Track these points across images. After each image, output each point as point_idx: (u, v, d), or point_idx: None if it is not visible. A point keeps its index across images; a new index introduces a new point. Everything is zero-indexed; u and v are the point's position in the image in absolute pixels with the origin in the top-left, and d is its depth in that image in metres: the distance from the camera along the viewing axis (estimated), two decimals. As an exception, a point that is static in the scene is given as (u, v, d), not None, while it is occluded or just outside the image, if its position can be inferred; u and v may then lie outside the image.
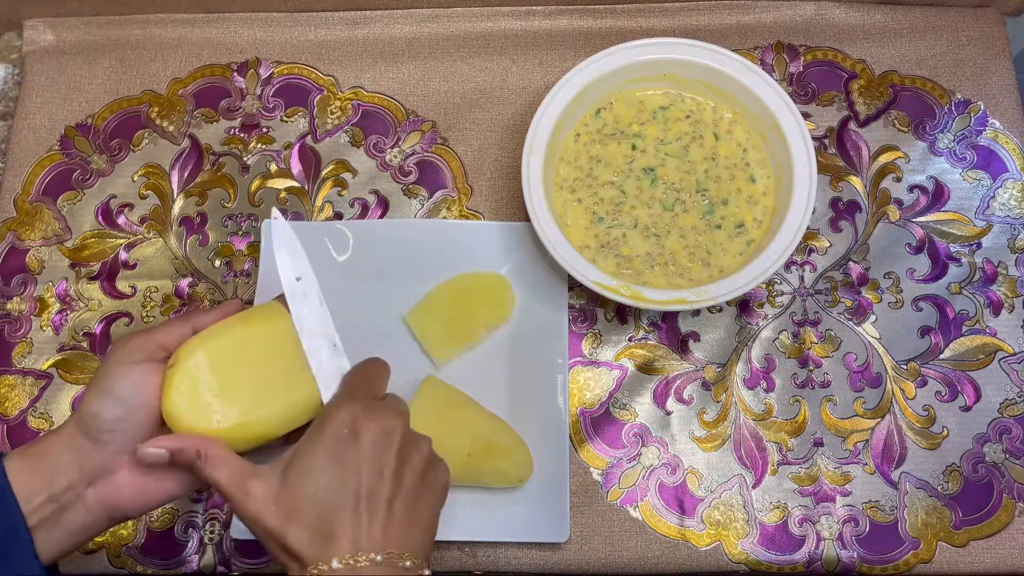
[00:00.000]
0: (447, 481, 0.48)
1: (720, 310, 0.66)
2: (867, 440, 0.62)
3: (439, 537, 0.57)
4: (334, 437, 0.45)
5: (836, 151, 0.70)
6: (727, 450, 0.62)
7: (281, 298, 0.52)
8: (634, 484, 0.62)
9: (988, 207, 0.68)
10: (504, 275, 0.64)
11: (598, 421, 0.63)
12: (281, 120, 0.72)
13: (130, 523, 0.61)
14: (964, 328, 0.65)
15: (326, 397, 0.50)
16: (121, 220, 0.69)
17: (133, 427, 0.46)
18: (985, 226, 0.68)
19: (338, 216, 0.68)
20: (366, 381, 0.50)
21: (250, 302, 0.65)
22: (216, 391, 0.48)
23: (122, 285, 0.67)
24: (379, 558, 0.42)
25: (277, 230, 0.53)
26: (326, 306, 0.53)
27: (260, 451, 0.50)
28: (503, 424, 0.60)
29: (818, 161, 0.64)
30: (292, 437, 0.50)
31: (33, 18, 0.75)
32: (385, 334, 0.63)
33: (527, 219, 0.61)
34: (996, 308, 0.65)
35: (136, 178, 0.70)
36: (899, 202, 0.68)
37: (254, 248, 0.67)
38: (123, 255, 0.68)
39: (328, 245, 0.65)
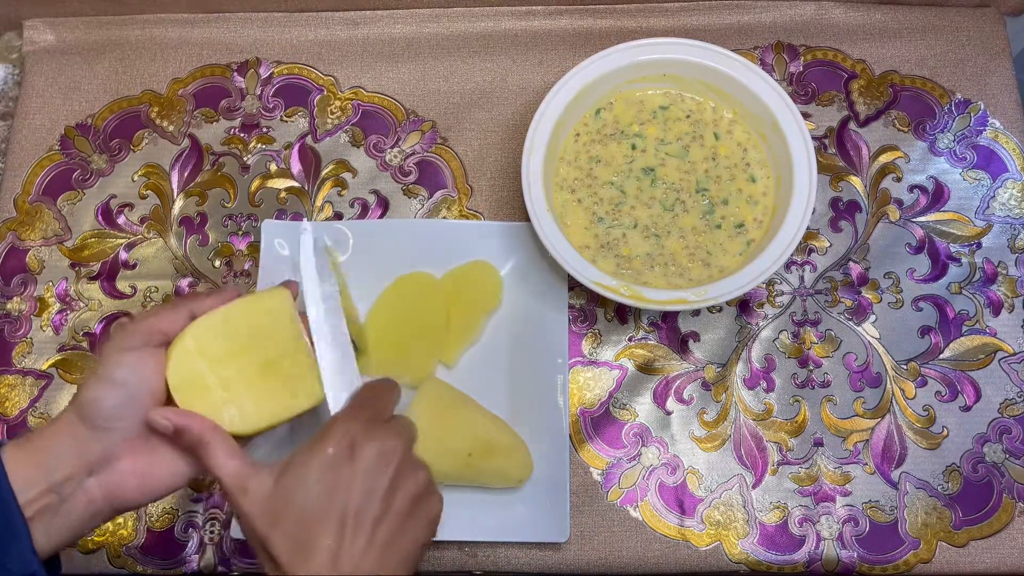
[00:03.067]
0: (438, 514, 0.47)
1: (720, 310, 0.66)
2: (867, 440, 0.62)
3: (439, 537, 0.58)
4: (331, 452, 0.45)
5: (836, 151, 0.70)
6: (727, 450, 0.62)
7: (286, 283, 0.53)
8: (634, 484, 0.62)
9: (988, 207, 0.68)
10: (486, 261, 0.65)
11: (598, 421, 0.63)
12: (281, 120, 0.72)
13: (130, 523, 0.61)
14: (964, 328, 0.65)
15: (333, 406, 0.50)
16: (121, 220, 0.69)
17: (134, 413, 0.46)
18: (985, 226, 0.68)
19: (338, 216, 0.68)
20: (373, 400, 0.49)
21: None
22: (218, 375, 0.48)
23: (122, 285, 0.67)
24: None
25: (306, 242, 0.55)
26: (343, 315, 0.53)
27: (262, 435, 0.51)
28: (503, 424, 0.60)
29: (818, 161, 0.64)
30: (295, 422, 0.51)
31: (33, 18, 0.75)
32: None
33: (527, 219, 0.61)
34: (996, 308, 0.65)
35: (136, 178, 0.70)
36: (899, 202, 0.68)
37: (254, 248, 0.67)
38: (123, 255, 0.68)
39: (328, 245, 0.65)
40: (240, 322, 0.49)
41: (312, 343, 0.52)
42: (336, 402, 0.51)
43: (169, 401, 0.47)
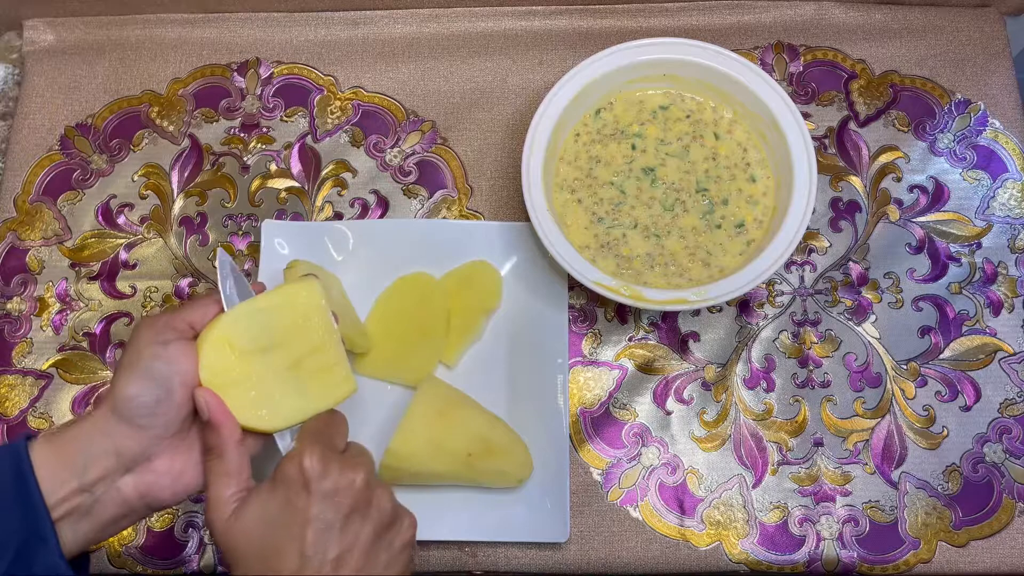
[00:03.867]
0: (410, 539, 0.46)
1: (720, 310, 0.66)
2: (867, 440, 0.62)
3: (439, 537, 0.58)
4: (287, 488, 0.44)
5: (836, 151, 0.70)
6: (727, 450, 0.62)
7: (311, 276, 0.52)
8: (634, 484, 0.62)
9: (988, 207, 0.68)
10: (488, 261, 0.65)
11: (598, 421, 0.63)
12: (281, 120, 0.72)
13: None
14: (964, 328, 0.65)
15: (283, 448, 0.50)
16: (121, 220, 0.69)
17: (172, 409, 0.45)
18: (985, 226, 0.68)
19: (338, 216, 0.68)
20: (324, 432, 0.48)
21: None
22: (249, 369, 0.47)
23: (122, 285, 0.67)
24: None
25: (222, 272, 0.50)
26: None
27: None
28: (503, 424, 0.60)
29: (818, 161, 0.64)
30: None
31: (33, 18, 0.75)
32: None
33: (527, 219, 0.61)
34: (996, 308, 0.65)
35: (136, 178, 0.70)
36: (899, 202, 0.68)
37: (254, 248, 0.67)
38: (123, 255, 0.68)
39: (328, 245, 0.65)
40: (270, 315, 0.49)
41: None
42: (284, 443, 0.49)
43: None
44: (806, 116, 0.70)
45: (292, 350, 0.49)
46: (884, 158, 0.69)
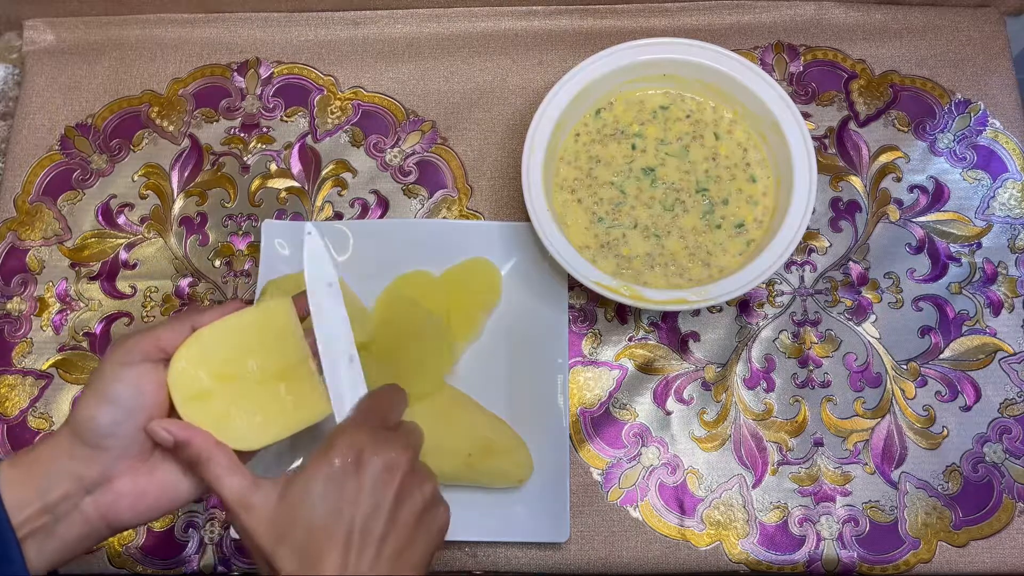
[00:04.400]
0: (445, 524, 0.47)
1: (720, 310, 0.66)
2: (867, 440, 0.62)
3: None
4: (337, 465, 0.44)
5: (836, 151, 0.70)
6: (727, 450, 0.62)
7: (297, 296, 0.51)
8: (634, 484, 0.62)
9: (988, 207, 0.68)
10: (488, 259, 0.65)
11: (598, 421, 0.63)
12: (281, 120, 0.72)
13: (130, 523, 0.61)
14: (964, 328, 0.65)
15: (339, 415, 0.49)
16: (121, 220, 0.69)
17: (132, 431, 0.45)
18: (985, 226, 0.68)
19: (338, 216, 0.68)
20: (379, 408, 0.48)
21: (250, 302, 0.65)
22: (221, 388, 0.47)
23: (122, 285, 0.67)
24: None
25: (310, 246, 0.51)
26: (348, 322, 0.51)
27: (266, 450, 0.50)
28: (503, 424, 0.60)
29: (818, 161, 0.64)
30: (296, 438, 0.50)
31: (33, 18, 0.75)
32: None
33: (527, 219, 0.61)
34: (996, 308, 0.65)
35: (136, 178, 0.70)
36: (899, 202, 0.68)
37: (254, 248, 0.67)
38: (123, 255, 0.68)
39: (328, 245, 0.65)
40: (243, 335, 0.48)
41: (316, 354, 0.50)
42: (341, 411, 0.49)
43: (171, 415, 0.46)
44: (806, 116, 0.70)
45: (266, 369, 0.48)
46: (884, 158, 0.69)
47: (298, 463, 0.59)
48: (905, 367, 0.64)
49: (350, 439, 0.45)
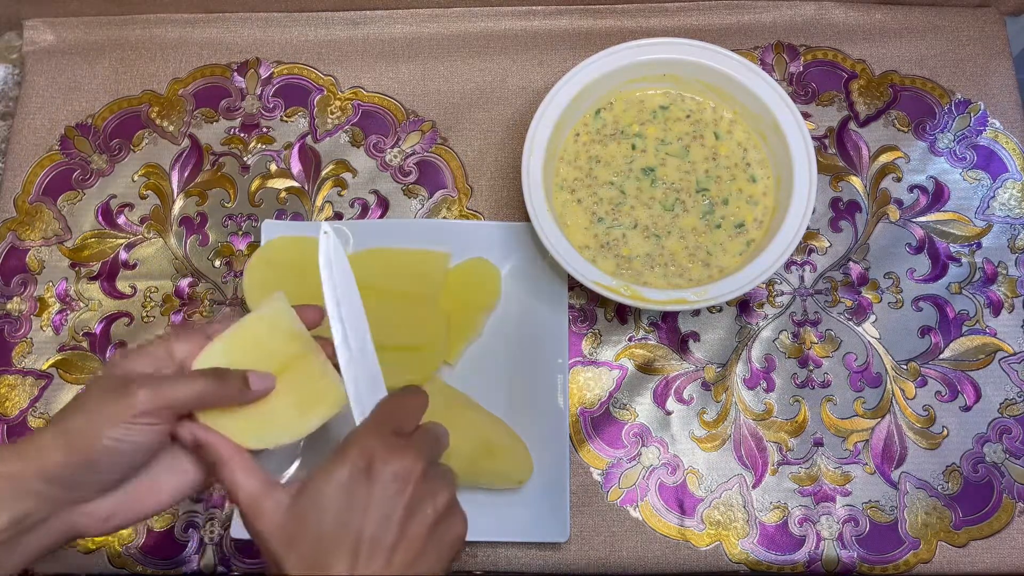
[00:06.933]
0: (461, 534, 0.46)
1: (720, 310, 0.66)
2: (867, 440, 0.62)
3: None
4: (348, 472, 0.43)
5: (836, 151, 0.70)
6: (727, 450, 0.62)
7: (300, 307, 0.51)
8: (634, 484, 0.62)
9: (988, 207, 0.68)
10: (488, 259, 0.65)
11: (598, 421, 0.63)
12: (281, 120, 0.72)
13: (130, 523, 0.61)
14: (964, 328, 0.65)
15: (357, 413, 0.48)
16: (121, 220, 0.69)
17: (127, 474, 0.44)
18: (985, 226, 0.68)
19: (338, 216, 0.68)
20: (396, 412, 0.47)
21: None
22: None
23: (122, 285, 0.67)
24: None
25: (326, 245, 0.50)
26: (364, 317, 0.50)
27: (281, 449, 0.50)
28: (503, 425, 0.60)
29: (818, 161, 0.64)
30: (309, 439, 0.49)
31: (33, 18, 0.75)
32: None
33: (527, 219, 0.61)
34: (996, 308, 0.65)
35: (136, 178, 0.70)
36: (899, 202, 0.68)
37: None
38: (123, 255, 0.68)
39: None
40: (255, 338, 0.48)
41: (328, 349, 0.50)
42: (361, 413, 0.48)
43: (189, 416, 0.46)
44: (806, 116, 0.70)
45: (280, 368, 0.48)
46: (884, 158, 0.69)
47: (296, 465, 0.59)
48: (905, 367, 0.64)
49: (361, 446, 0.44)
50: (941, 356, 0.64)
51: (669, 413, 0.63)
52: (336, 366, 0.49)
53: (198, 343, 0.47)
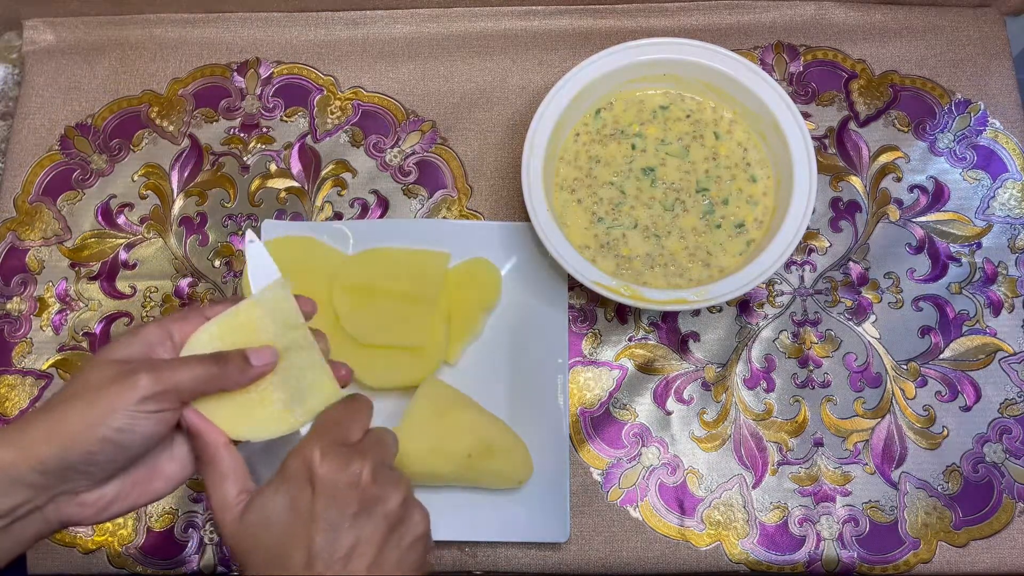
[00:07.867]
0: (422, 533, 0.45)
1: (720, 310, 0.66)
2: (867, 440, 0.62)
3: (440, 537, 0.58)
4: (289, 485, 0.43)
5: (836, 151, 0.70)
6: (727, 450, 0.62)
7: (278, 278, 0.49)
8: (634, 484, 0.62)
9: (988, 207, 0.68)
10: (486, 259, 0.65)
11: (598, 421, 0.63)
12: (281, 120, 0.72)
13: (130, 523, 0.61)
14: (964, 328, 0.65)
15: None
16: (121, 220, 0.69)
17: (124, 465, 0.43)
18: (985, 226, 0.68)
19: (338, 216, 0.68)
20: (337, 422, 0.46)
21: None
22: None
23: (122, 285, 0.67)
24: None
25: (252, 253, 0.49)
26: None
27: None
28: (503, 425, 0.60)
29: (818, 161, 0.64)
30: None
31: (33, 18, 0.75)
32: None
33: (527, 219, 0.61)
34: (996, 308, 0.65)
35: (136, 178, 0.70)
36: (899, 202, 0.68)
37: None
38: (123, 255, 0.68)
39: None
40: (251, 324, 0.47)
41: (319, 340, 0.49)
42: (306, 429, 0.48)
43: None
44: (806, 116, 0.70)
45: (278, 357, 0.47)
46: (884, 158, 0.69)
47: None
48: (905, 367, 0.64)
49: (302, 458, 0.43)
50: (941, 356, 0.64)
51: (669, 413, 0.63)
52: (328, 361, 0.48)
53: (198, 325, 0.46)
